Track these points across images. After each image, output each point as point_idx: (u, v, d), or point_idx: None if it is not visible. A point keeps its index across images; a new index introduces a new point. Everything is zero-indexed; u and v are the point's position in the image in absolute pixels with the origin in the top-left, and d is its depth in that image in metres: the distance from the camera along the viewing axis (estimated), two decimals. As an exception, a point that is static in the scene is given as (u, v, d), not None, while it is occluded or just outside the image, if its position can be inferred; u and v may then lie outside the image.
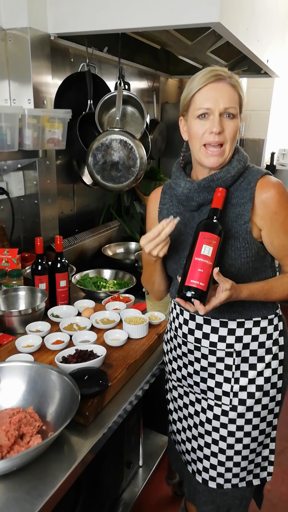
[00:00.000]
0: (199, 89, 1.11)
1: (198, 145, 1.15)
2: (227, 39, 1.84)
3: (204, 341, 1.26)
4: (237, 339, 1.24)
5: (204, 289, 1.06)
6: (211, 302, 1.08)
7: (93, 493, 1.38)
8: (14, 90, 1.74)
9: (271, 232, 1.16)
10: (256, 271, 1.21)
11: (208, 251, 1.07)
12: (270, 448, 1.35)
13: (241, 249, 1.16)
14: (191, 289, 1.06)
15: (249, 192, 1.16)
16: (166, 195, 1.33)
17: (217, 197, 1.13)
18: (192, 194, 1.19)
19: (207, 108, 1.11)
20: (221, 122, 1.11)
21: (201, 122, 1.13)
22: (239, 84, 1.13)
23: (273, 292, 1.19)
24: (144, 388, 1.36)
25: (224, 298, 1.08)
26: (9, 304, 1.66)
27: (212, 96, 1.10)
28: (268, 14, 2.23)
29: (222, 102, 1.10)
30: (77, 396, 1.06)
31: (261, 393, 1.26)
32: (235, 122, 1.13)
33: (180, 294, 1.08)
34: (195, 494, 1.40)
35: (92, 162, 2.01)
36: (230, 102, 1.11)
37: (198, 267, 1.06)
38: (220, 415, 1.28)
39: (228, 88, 1.11)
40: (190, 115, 1.16)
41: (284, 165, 4.29)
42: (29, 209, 1.98)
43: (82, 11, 1.66)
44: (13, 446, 1.00)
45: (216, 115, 1.11)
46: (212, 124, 1.11)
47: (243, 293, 1.14)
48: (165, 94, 3.30)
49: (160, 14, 1.55)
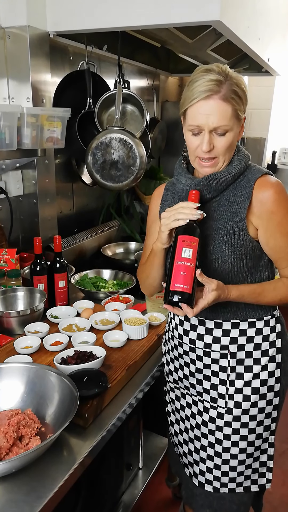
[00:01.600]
0: (190, 105, 1.11)
1: (193, 157, 1.18)
2: (227, 37, 1.83)
3: (198, 342, 1.25)
4: (232, 340, 1.23)
5: (190, 292, 1.05)
6: (199, 304, 1.08)
7: (93, 495, 1.38)
8: (13, 88, 1.74)
9: (267, 232, 1.16)
10: (251, 270, 1.20)
11: (189, 253, 1.07)
12: (268, 454, 1.32)
13: (235, 246, 1.15)
14: (177, 293, 1.05)
15: (248, 190, 1.16)
16: (168, 191, 1.33)
17: (191, 200, 1.13)
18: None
19: (197, 125, 1.11)
20: (211, 140, 1.11)
21: (194, 137, 1.14)
22: (235, 93, 1.09)
23: (264, 296, 1.18)
24: (144, 390, 1.35)
25: (212, 298, 1.08)
26: (8, 304, 1.65)
27: (202, 114, 1.09)
28: (268, 12, 2.22)
29: (212, 121, 1.09)
30: (76, 397, 1.05)
31: (257, 396, 1.24)
32: (228, 137, 1.12)
33: (166, 299, 1.07)
34: (193, 497, 1.39)
35: (92, 161, 2.00)
36: (220, 120, 1.09)
37: (181, 271, 1.06)
38: (216, 418, 1.26)
39: (220, 105, 1.08)
40: (185, 127, 1.17)
41: (286, 164, 4.28)
42: (27, 208, 1.97)
43: (82, 9, 1.65)
44: (12, 448, 1.00)
45: (206, 133, 1.10)
46: (202, 143, 1.11)
47: (232, 293, 1.13)
48: (165, 93, 3.29)
49: (160, 12, 1.54)
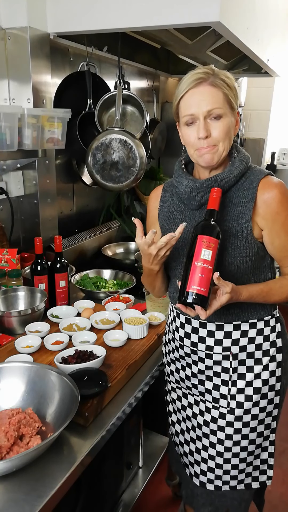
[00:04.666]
0: (182, 96, 1.11)
1: (192, 151, 1.17)
2: (227, 38, 1.83)
3: (200, 345, 1.25)
4: (234, 342, 1.23)
5: (206, 294, 1.05)
6: (212, 306, 1.08)
7: (93, 494, 1.38)
8: (14, 89, 1.74)
9: (272, 232, 1.16)
10: (255, 271, 1.21)
11: (208, 255, 1.05)
12: (269, 451, 1.34)
13: (241, 248, 1.16)
14: (193, 295, 1.04)
15: (251, 191, 1.16)
16: (167, 193, 1.33)
17: (212, 198, 1.12)
18: (194, 193, 1.19)
19: (191, 114, 1.11)
20: (207, 126, 1.11)
21: (190, 129, 1.14)
22: (223, 81, 1.10)
23: (272, 295, 1.19)
24: (144, 389, 1.35)
25: (225, 301, 1.08)
26: (9, 304, 1.65)
27: (194, 101, 1.10)
28: (268, 13, 2.22)
29: (204, 105, 1.09)
30: (77, 396, 1.05)
31: (259, 396, 1.25)
32: (223, 122, 1.11)
33: (181, 299, 1.07)
34: (193, 497, 1.39)
35: (92, 161, 2.00)
36: (212, 103, 1.09)
37: (199, 272, 1.05)
38: (218, 418, 1.27)
39: (210, 90, 1.09)
40: (181, 123, 1.17)
41: (285, 164, 4.29)
42: (28, 209, 1.97)
43: (82, 10, 1.66)
44: (13, 447, 1.00)
45: (201, 120, 1.10)
46: (198, 130, 1.11)
47: (243, 295, 1.14)
48: (165, 94, 3.30)
49: (160, 13, 1.55)
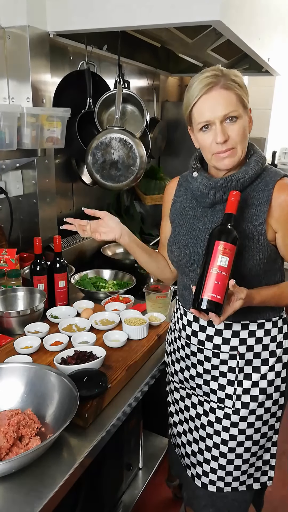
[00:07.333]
0: (194, 103, 1.11)
1: (209, 155, 1.16)
2: (227, 37, 1.83)
3: (207, 343, 1.25)
4: (241, 341, 1.23)
5: (221, 302, 1.04)
6: (226, 312, 1.07)
7: (93, 495, 1.37)
8: (13, 88, 1.73)
9: (285, 235, 1.16)
10: (266, 274, 1.20)
11: (225, 262, 1.04)
12: (271, 452, 1.34)
13: (254, 250, 1.15)
14: (208, 302, 1.04)
15: (267, 193, 1.15)
16: (181, 187, 1.32)
17: (231, 202, 1.09)
18: (208, 191, 1.18)
19: (206, 120, 1.11)
20: (224, 130, 1.10)
21: (206, 134, 1.13)
22: (234, 81, 1.10)
23: (284, 298, 1.19)
24: (144, 389, 1.34)
25: (238, 306, 1.08)
26: (8, 304, 1.64)
27: (208, 107, 1.09)
28: (269, 12, 2.21)
29: (219, 110, 1.09)
30: (76, 397, 1.05)
31: (264, 396, 1.25)
32: (240, 123, 1.11)
33: (195, 305, 1.06)
34: (194, 499, 1.39)
35: (92, 161, 1.99)
36: (227, 107, 1.09)
37: (215, 279, 1.04)
38: (222, 418, 1.27)
39: (223, 93, 1.08)
40: (194, 128, 1.16)
41: (286, 164, 4.28)
42: (27, 208, 1.97)
43: (81, 9, 1.65)
44: (12, 448, 1.00)
45: (218, 124, 1.10)
46: (216, 135, 1.10)
47: (256, 299, 1.13)
48: (165, 92, 3.29)
49: (160, 12, 1.54)
